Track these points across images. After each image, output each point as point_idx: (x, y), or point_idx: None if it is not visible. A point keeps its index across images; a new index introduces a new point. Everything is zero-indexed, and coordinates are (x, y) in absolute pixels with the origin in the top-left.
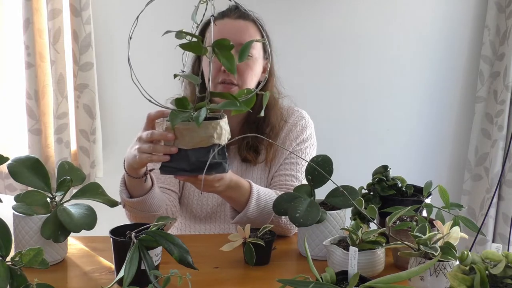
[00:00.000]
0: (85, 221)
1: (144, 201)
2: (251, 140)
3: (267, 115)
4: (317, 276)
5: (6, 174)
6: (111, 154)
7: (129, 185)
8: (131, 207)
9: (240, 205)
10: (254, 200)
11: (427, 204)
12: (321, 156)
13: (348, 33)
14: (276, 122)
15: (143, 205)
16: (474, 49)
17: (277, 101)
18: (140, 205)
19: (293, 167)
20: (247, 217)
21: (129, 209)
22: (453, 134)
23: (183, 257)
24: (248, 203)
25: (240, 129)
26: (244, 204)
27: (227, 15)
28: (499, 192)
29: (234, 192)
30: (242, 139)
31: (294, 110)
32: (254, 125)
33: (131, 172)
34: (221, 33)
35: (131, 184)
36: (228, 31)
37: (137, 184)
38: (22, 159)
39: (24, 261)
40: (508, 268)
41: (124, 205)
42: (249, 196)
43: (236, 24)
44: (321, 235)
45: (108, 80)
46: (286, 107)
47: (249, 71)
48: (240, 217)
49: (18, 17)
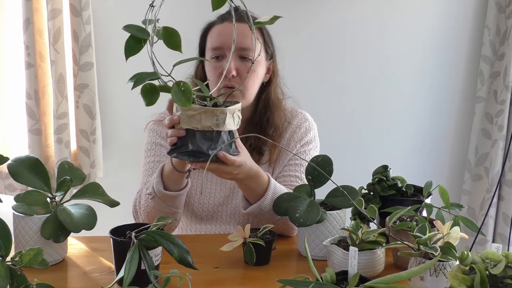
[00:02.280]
0: (85, 221)
1: (178, 196)
2: (254, 141)
3: (271, 116)
4: (317, 276)
5: (6, 174)
6: (111, 154)
7: (169, 178)
8: (161, 200)
9: (255, 196)
10: (271, 192)
11: (427, 204)
12: (321, 156)
13: (348, 33)
14: (279, 123)
15: (174, 200)
16: (474, 49)
17: (280, 102)
18: (172, 199)
19: (297, 168)
20: (261, 209)
21: (157, 202)
22: (453, 134)
23: (183, 257)
24: (265, 195)
25: (244, 130)
26: (260, 196)
27: (226, 19)
28: (499, 192)
29: (252, 182)
30: (245, 140)
31: (298, 112)
32: (257, 126)
33: (178, 165)
34: (221, 37)
35: (173, 177)
36: (228, 35)
37: (179, 178)
38: (22, 159)
39: (24, 261)
40: (508, 268)
41: (153, 197)
42: (267, 187)
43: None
44: (321, 235)
45: (108, 80)
46: (289, 109)
47: (251, 74)
48: (254, 207)
49: (18, 17)
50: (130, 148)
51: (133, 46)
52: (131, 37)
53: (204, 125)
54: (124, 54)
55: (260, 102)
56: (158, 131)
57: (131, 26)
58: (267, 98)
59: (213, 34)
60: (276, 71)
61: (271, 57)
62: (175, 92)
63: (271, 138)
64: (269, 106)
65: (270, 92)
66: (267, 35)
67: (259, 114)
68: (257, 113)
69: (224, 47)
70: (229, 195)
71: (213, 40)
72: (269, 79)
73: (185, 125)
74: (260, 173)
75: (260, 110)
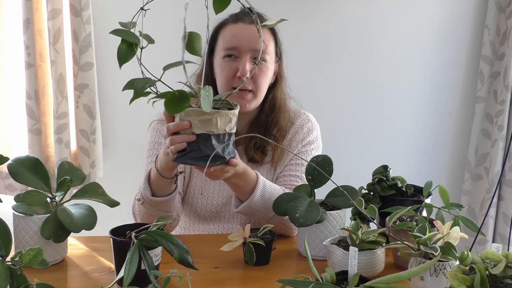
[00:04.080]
0: (85, 221)
1: (167, 201)
2: (259, 140)
3: (276, 117)
4: (317, 276)
5: (6, 174)
6: (111, 154)
7: (156, 185)
8: (151, 206)
9: (245, 194)
10: (259, 190)
11: (427, 204)
12: (321, 156)
13: (348, 33)
14: (284, 124)
15: (164, 205)
16: (474, 49)
17: (286, 103)
18: (161, 204)
19: (298, 168)
20: (250, 207)
21: (147, 207)
22: (453, 134)
23: (183, 257)
24: (253, 193)
25: (248, 130)
26: (249, 194)
27: (241, 19)
28: (499, 192)
29: (241, 180)
30: (250, 139)
31: (301, 112)
32: (262, 126)
33: (164, 172)
34: (235, 38)
35: (160, 183)
36: (242, 37)
37: (166, 184)
38: (22, 159)
39: (24, 261)
40: (508, 268)
41: (142, 202)
42: (255, 185)
43: (250, 30)
44: (321, 235)
45: (108, 80)
46: (293, 109)
47: (263, 76)
48: (244, 206)
49: (18, 17)
50: (130, 148)
51: (126, 51)
52: (123, 42)
53: (220, 128)
54: (118, 61)
55: (266, 103)
56: (162, 131)
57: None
58: (273, 99)
59: (226, 34)
60: (282, 72)
61: (279, 59)
62: (203, 98)
63: (274, 138)
64: (275, 107)
65: (276, 94)
66: (278, 38)
67: (265, 115)
68: (263, 113)
69: (239, 48)
70: (231, 195)
71: (227, 40)
72: (275, 80)
73: (198, 130)
74: (248, 171)
75: (266, 110)
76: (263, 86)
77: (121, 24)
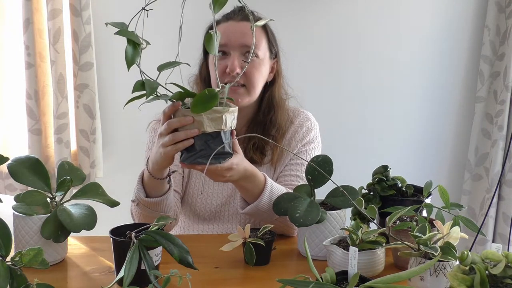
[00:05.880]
0: (85, 221)
1: (161, 201)
2: (258, 141)
3: (274, 116)
4: (317, 276)
5: (6, 174)
6: (111, 154)
7: (149, 185)
8: (145, 207)
9: (252, 196)
10: (267, 192)
11: (427, 204)
12: (321, 156)
13: (348, 33)
14: (282, 123)
15: (158, 206)
16: (474, 49)
17: (284, 102)
18: (156, 205)
19: (298, 168)
20: (258, 209)
21: (142, 208)
22: (453, 134)
23: (183, 257)
24: (261, 195)
25: (247, 130)
26: (257, 196)
27: (231, 18)
28: (499, 192)
29: (248, 182)
30: (248, 140)
31: (300, 111)
32: (260, 126)
33: (156, 173)
34: (226, 35)
35: (152, 184)
36: (233, 34)
37: (159, 184)
38: (22, 159)
39: (24, 261)
40: (508, 268)
41: (137, 204)
42: (263, 187)
43: (240, 26)
44: (321, 235)
45: (108, 80)
46: (292, 108)
47: (255, 71)
48: (251, 207)
49: (18, 17)
50: (130, 148)
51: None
52: (129, 44)
53: (227, 125)
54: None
55: (264, 102)
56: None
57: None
58: (270, 97)
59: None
60: (280, 71)
61: (275, 57)
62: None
63: (273, 138)
64: (272, 106)
65: (274, 92)
66: (271, 34)
67: (262, 114)
68: (260, 112)
69: (228, 44)
70: (231, 195)
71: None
72: (273, 78)
73: (210, 128)
74: (256, 173)
75: (263, 109)
76: (255, 81)
77: (114, 24)
